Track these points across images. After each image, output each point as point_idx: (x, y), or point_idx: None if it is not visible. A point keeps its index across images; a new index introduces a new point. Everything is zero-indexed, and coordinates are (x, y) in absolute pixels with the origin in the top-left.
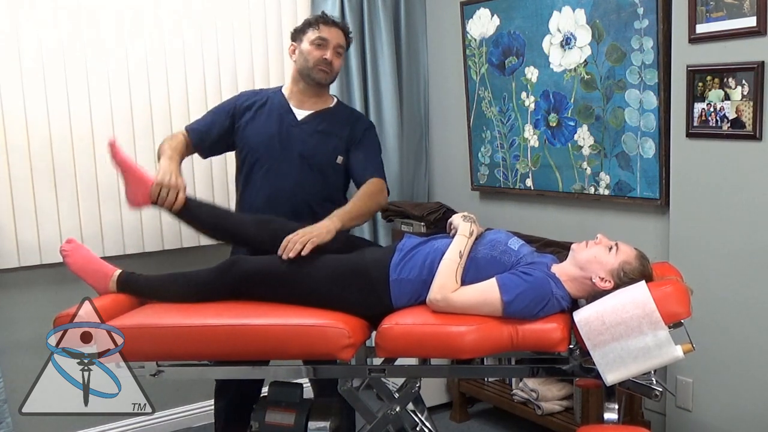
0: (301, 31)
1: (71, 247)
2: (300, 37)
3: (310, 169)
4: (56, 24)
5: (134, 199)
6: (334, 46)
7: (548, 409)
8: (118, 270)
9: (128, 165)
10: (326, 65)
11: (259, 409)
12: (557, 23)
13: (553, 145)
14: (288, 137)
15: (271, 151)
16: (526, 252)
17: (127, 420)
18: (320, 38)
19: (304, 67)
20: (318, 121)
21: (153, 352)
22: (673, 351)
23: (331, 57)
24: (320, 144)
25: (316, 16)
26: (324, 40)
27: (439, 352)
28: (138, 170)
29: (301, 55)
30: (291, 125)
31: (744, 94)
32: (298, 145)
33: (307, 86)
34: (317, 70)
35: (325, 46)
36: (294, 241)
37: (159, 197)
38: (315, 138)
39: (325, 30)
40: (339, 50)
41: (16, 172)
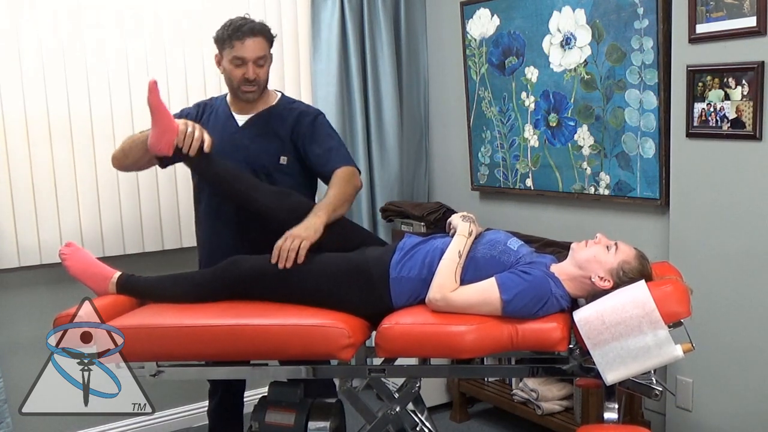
0: (221, 43)
1: (70, 250)
2: (221, 50)
3: (255, 175)
4: (56, 24)
5: (157, 145)
6: (254, 60)
7: (548, 409)
8: (117, 272)
9: (163, 109)
10: (249, 83)
11: (259, 409)
12: (557, 23)
13: (553, 145)
14: (231, 145)
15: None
16: (525, 252)
17: (127, 420)
18: (237, 58)
19: (230, 86)
20: (259, 125)
21: (153, 352)
22: (673, 350)
23: (253, 73)
24: (261, 147)
25: (230, 29)
26: (241, 59)
27: (439, 352)
28: (171, 117)
29: (225, 72)
30: (232, 132)
31: (744, 94)
32: (241, 152)
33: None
34: (242, 90)
35: (243, 64)
36: (285, 248)
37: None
38: (256, 142)
39: (239, 47)
40: (260, 62)
41: (16, 172)
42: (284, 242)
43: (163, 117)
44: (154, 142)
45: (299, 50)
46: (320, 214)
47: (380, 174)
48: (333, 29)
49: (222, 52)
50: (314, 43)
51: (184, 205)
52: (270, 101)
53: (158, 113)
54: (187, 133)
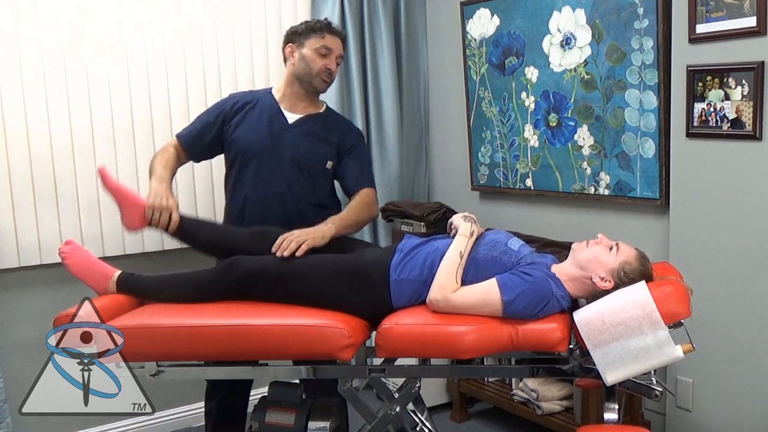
0: (302, 35)
1: (70, 248)
2: (301, 40)
3: (300, 173)
4: (56, 27)
5: (131, 224)
6: (337, 56)
7: (548, 409)
8: (117, 271)
9: (120, 191)
10: (328, 75)
11: (259, 409)
12: (557, 23)
13: (553, 145)
14: (279, 139)
15: (262, 152)
16: (526, 252)
17: (127, 420)
18: (325, 47)
19: (306, 74)
20: (309, 125)
21: (153, 352)
22: (673, 351)
23: (334, 67)
24: (311, 148)
25: (321, 23)
26: (329, 50)
27: (439, 352)
28: (130, 194)
29: (302, 61)
30: (282, 128)
31: (744, 94)
32: (290, 148)
33: (302, 90)
34: (319, 79)
35: (329, 55)
36: (289, 240)
37: (152, 219)
38: (306, 142)
39: (329, 39)
40: (339, 60)
41: (16, 172)
42: (290, 235)
43: (125, 198)
44: (126, 222)
45: None
46: (330, 225)
47: (380, 174)
48: None
49: (305, 41)
50: None
51: (183, 204)
52: (319, 107)
53: (118, 197)
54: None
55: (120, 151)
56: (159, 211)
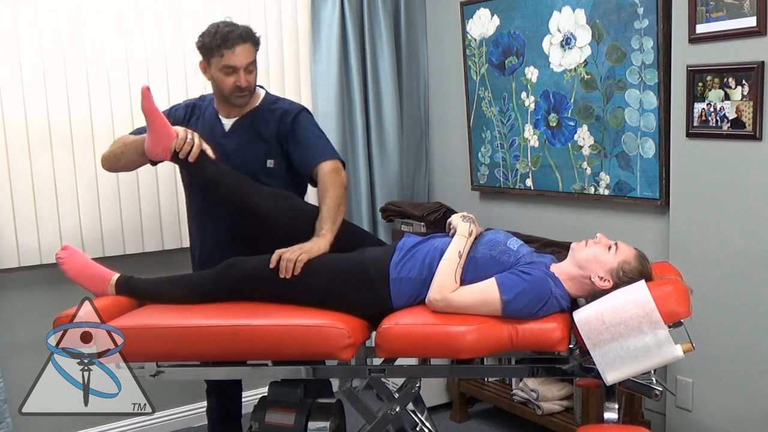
0: (206, 53)
1: (67, 253)
2: (207, 58)
3: (264, 175)
4: (56, 26)
5: (154, 150)
6: (244, 67)
7: (548, 409)
8: (115, 274)
9: (158, 114)
10: (240, 90)
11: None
12: (557, 23)
13: (553, 145)
14: (219, 150)
15: None
16: (525, 252)
17: (127, 420)
18: (227, 66)
19: (220, 94)
20: (244, 128)
21: (153, 352)
22: (673, 350)
23: (245, 80)
24: (247, 151)
25: (215, 40)
26: (232, 68)
27: (439, 352)
28: (167, 122)
29: (213, 81)
30: (220, 137)
31: (744, 94)
32: (229, 158)
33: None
34: (234, 96)
35: (235, 72)
36: (285, 258)
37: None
38: (243, 146)
39: (228, 56)
40: (250, 68)
41: (16, 172)
42: (288, 253)
43: (159, 122)
44: (151, 148)
45: (299, 50)
46: (325, 234)
47: (380, 174)
48: (333, 29)
49: (209, 60)
50: (314, 43)
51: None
52: (254, 102)
53: (153, 119)
54: (186, 141)
55: None
56: (187, 136)
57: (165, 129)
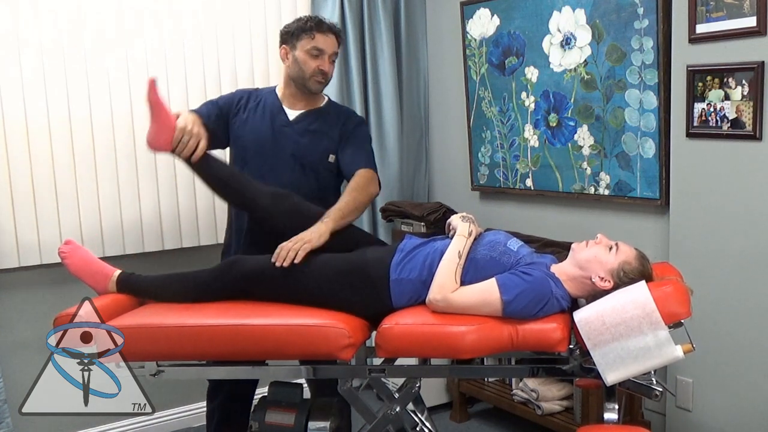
0: (294, 36)
1: (69, 248)
2: (293, 42)
3: (302, 169)
4: (57, 25)
5: (155, 142)
6: (330, 55)
7: (548, 409)
8: (117, 270)
9: (162, 106)
10: (322, 76)
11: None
12: (557, 23)
13: (553, 145)
14: (280, 137)
15: (263, 150)
16: (525, 252)
17: (127, 420)
18: (316, 48)
19: (299, 76)
20: (309, 121)
21: (153, 352)
22: (673, 351)
23: (328, 67)
24: (312, 144)
25: (310, 22)
26: (320, 51)
27: (439, 352)
28: (169, 114)
29: (295, 63)
30: (282, 125)
31: (744, 94)
32: (290, 145)
33: (299, 91)
34: (313, 81)
35: (321, 56)
36: (287, 248)
37: (180, 143)
38: (306, 138)
39: (320, 39)
40: (333, 58)
41: (16, 172)
42: (288, 243)
43: (162, 114)
44: (151, 139)
45: None
46: (327, 221)
47: (380, 174)
48: None
49: (297, 43)
50: None
51: (184, 205)
52: (319, 102)
53: (156, 110)
54: (185, 132)
55: (120, 150)
56: (189, 136)
57: (168, 122)
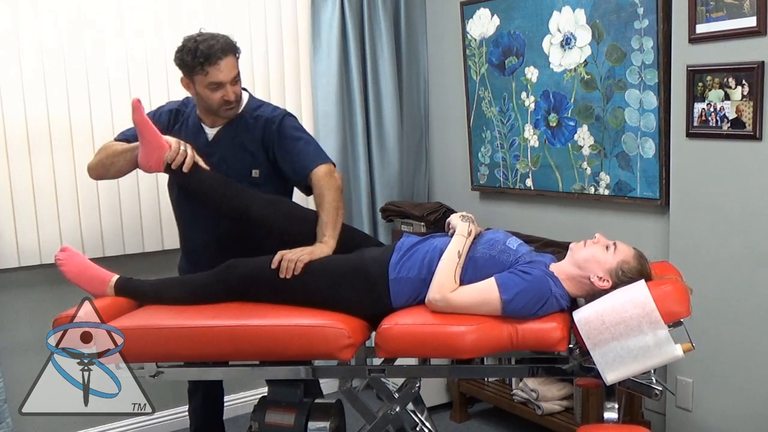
0: (187, 72)
1: (66, 255)
2: (189, 76)
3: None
4: (57, 26)
5: (147, 162)
6: (230, 80)
7: (548, 409)
8: (114, 276)
9: (150, 126)
10: (229, 103)
11: (259, 409)
12: (557, 23)
13: (553, 145)
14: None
15: None
16: (524, 251)
17: (127, 420)
18: (213, 83)
19: (208, 107)
20: (227, 138)
21: (153, 352)
22: (673, 350)
23: (232, 93)
24: (232, 161)
25: (197, 59)
26: (218, 84)
27: (439, 352)
28: (157, 133)
29: (199, 98)
30: (202, 147)
31: (744, 94)
32: (213, 168)
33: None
34: (223, 110)
35: (222, 87)
36: (288, 259)
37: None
38: (227, 157)
39: (213, 72)
40: (236, 79)
41: (16, 172)
42: (290, 254)
43: (152, 135)
44: (144, 160)
45: (299, 50)
46: (327, 240)
47: (380, 174)
48: (333, 29)
49: (192, 78)
50: (314, 43)
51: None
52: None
53: (146, 131)
54: (179, 152)
55: None
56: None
57: (157, 141)
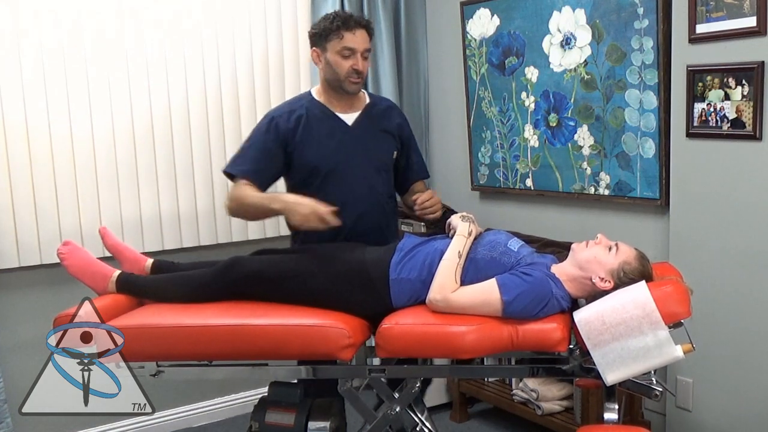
0: (322, 38)
1: (68, 249)
2: (322, 44)
3: (377, 172)
4: (57, 26)
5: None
6: (362, 52)
7: (548, 409)
8: (116, 271)
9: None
10: (357, 75)
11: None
12: (557, 23)
13: (553, 145)
14: (348, 145)
15: (337, 165)
16: (525, 253)
17: (127, 420)
18: (347, 48)
19: (335, 79)
20: (367, 122)
21: (153, 352)
22: (673, 351)
23: (362, 65)
24: (378, 144)
25: (337, 21)
26: (351, 50)
27: (439, 352)
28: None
29: (328, 66)
30: (344, 132)
31: (744, 94)
32: (360, 151)
33: (339, 94)
34: (349, 82)
35: (353, 55)
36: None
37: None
38: (372, 141)
39: (349, 37)
40: (366, 54)
41: (16, 172)
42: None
43: (126, 255)
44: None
45: (299, 50)
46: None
47: None
48: None
49: (327, 44)
50: None
51: (184, 205)
52: (364, 98)
53: (120, 254)
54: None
55: (120, 150)
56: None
57: (134, 256)
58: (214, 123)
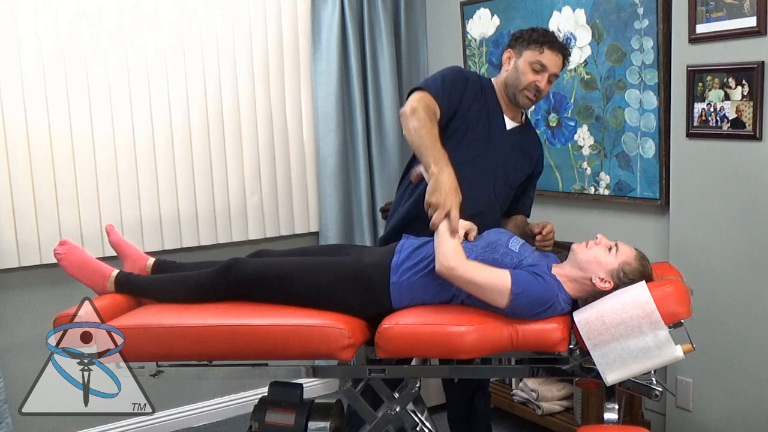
0: (522, 42)
1: (65, 249)
2: (519, 48)
3: (504, 183)
4: (57, 25)
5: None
6: (551, 74)
7: (548, 409)
8: (115, 270)
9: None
10: (536, 92)
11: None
12: (557, 23)
13: (553, 145)
14: (496, 144)
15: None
16: (527, 253)
17: (127, 420)
18: (540, 63)
19: (513, 85)
20: (520, 137)
21: (153, 352)
22: (673, 351)
23: (544, 85)
24: (518, 159)
25: (545, 37)
26: (543, 66)
27: (439, 352)
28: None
29: (514, 71)
30: (500, 132)
31: (744, 94)
32: (501, 157)
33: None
34: (524, 95)
35: (543, 72)
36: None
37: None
38: (515, 155)
39: (548, 55)
40: (552, 78)
41: (16, 172)
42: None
43: (129, 252)
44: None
45: (299, 50)
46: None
47: (380, 174)
48: (333, 29)
49: (524, 51)
50: (314, 43)
51: (184, 205)
52: (522, 117)
53: (122, 251)
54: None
55: (120, 150)
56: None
57: (136, 254)
58: (214, 123)
